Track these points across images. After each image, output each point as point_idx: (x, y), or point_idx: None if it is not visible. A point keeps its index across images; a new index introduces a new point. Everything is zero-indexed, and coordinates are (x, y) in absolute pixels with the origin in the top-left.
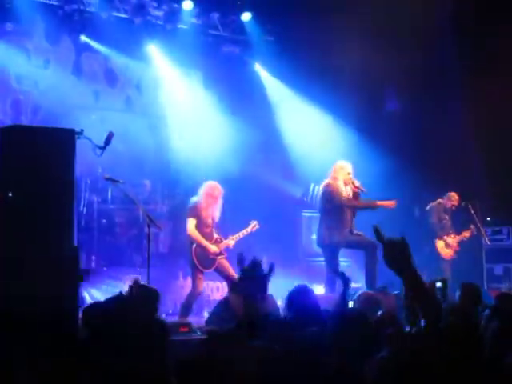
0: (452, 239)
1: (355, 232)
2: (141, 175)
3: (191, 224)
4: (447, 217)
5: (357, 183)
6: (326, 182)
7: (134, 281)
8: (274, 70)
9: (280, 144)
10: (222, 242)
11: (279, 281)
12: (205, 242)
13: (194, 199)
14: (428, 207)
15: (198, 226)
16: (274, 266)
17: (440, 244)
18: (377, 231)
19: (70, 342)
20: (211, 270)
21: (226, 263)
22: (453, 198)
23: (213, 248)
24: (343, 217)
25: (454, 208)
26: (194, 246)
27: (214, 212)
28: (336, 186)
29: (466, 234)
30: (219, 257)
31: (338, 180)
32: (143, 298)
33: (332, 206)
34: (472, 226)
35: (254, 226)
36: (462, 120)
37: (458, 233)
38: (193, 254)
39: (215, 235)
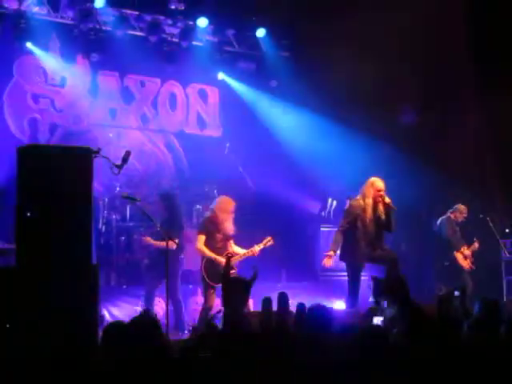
0: (467, 251)
1: (379, 247)
2: (158, 193)
3: (201, 240)
4: (457, 229)
5: (387, 200)
6: (354, 198)
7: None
8: (289, 85)
9: (298, 159)
10: (233, 256)
11: (298, 296)
12: (214, 256)
13: (207, 214)
14: (439, 221)
15: (210, 241)
16: (258, 273)
17: (459, 256)
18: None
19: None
20: None
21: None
22: (463, 210)
23: (224, 261)
24: (366, 232)
25: (464, 220)
26: (204, 261)
27: (227, 227)
28: (359, 204)
29: (477, 244)
30: (230, 271)
31: (367, 197)
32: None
33: (354, 223)
34: (475, 240)
35: (268, 241)
36: (478, 133)
37: (469, 245)
38: (202, 269)
39: (231, 248)
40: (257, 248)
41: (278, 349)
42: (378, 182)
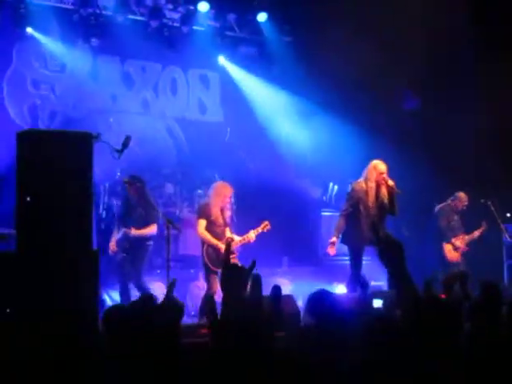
0: (460, 241)
1: (382, 231)
2: (159, 178)
3: (201, 225)
4: (456, 217)
5: (390, 183)
6: (357, 181)
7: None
8: (290, 70)
9: (299, 144)
10: (233, 241)
11: (300, 280)
12: (215, 242)
13: (204, 200)
14: (436, 209)
15: (209, 226)
16: (255, 263)
17: (447, 247)
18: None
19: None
20: None
21: (237, 263)
22: (463, 198)
23: (224, 247)
24: (368, 216)
25: (464, 208)
26: (205, 246)
27: (225, 212)
28: (361, 187)
29: (477, 232)
30: (230, 256)
31: (369, 181)
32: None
33: (357, 206)
34: (484, 223)
35: (265, 225)
36: (479, 118)
37: (468, 233)
38: (204, 255)
39: (227, 235)
40: (252, 234)
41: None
42: (381, 165)
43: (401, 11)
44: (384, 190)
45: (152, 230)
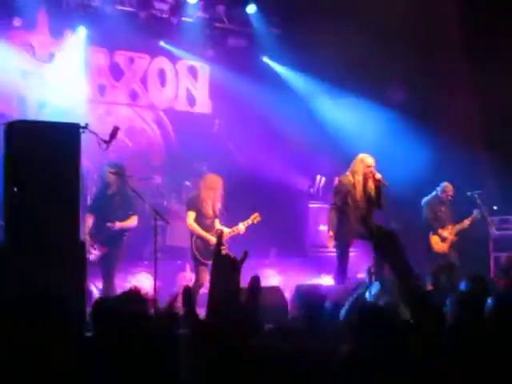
0: (448, 232)
1: (371, 225)
2: (148, 169)
3: (190, 216)
4: (443, 208)
5: (378, 176)
6: (344, 175)
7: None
8: (279, 62)
9: (287, 135)
10: (222, 233)
11: (287, 272)
12: (204, 234)
13: (194, 192)
14: (423, 202)
15: (198, 219)
16: (247, 254)
17: (434, 239)
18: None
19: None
20: None
21: (229, 254)
22: (447, 188)
23: (213, 239)
24: (356, 209)
25: (450, 198)
26: (194, 238)
27: (215, 204)
28: (348, 181)
29: (467, 221)
30: (221, 247)
31: (356, 174)
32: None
33: (345, 200)
34: (475, 212)
35: (255, 217)
36: (468, 109)
37: (456, 223)
38: (193, 246)
39: (217, 227)
40: (242, 226)
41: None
42: (368, 158)
43: (391, 2)
44: (371, 184)
45: (134, 221)
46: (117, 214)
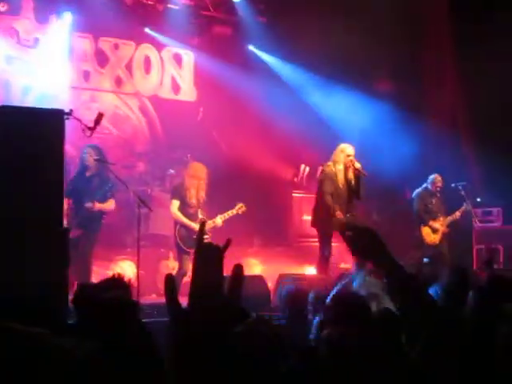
0: (440, 223)
1: (351, 213)
2: (132, 156)
3: (174, 205)
4: (434, 201)
5: (357, 165)
6: (326, 164)
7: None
8: (265, 50)
9: (272, 124)
10: (206, 222)
11: (270, 262)
12: (188, 222)
13: (178, 180)
14: (414, 194)
15: (182, 207)
16: (230, 241)
17: (425, 230)
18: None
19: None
20: None
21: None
22: (436, 180)
23: (197, 227)
24: (338, 199)
25: (439, 190)
26: (178, 226)
27: (199, 193)
28: (330, 170)
29: (458, 212)
30: (204, 236)
31: (337, 163)
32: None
33: (325, 189)
34: (465, 204)
35: (240, 207)
36: (452, 102)
37: (448, 214)
38: (176, 235)
39: (200, 216)
40: (218, 220)
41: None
42: (348, 148)
43: None
44: (351, 174)
45: (112, 205)
46: (95, 196)
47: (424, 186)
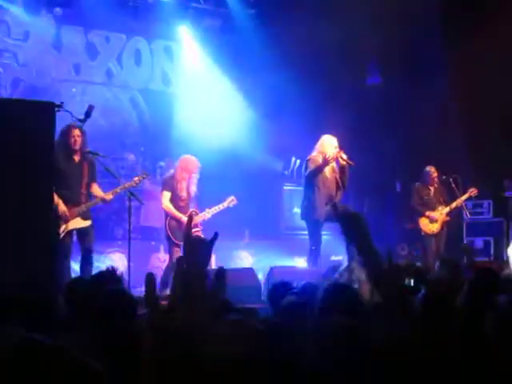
0: (439, 212)
1: (339, 205)
2: (122, 149)
3: (165, 197)
4: (431, 192)
5: (344, 156)
6: (311, 155)
7: None
8: (254, 43)
9: (262, 116)
10: (197, 215)
11: (261, 254)
12: (178, 215)
13: (170, 172)
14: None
15: (173, 199)
16: (217, 235)
17: (423, 221)
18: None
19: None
20: None
21: (200, 236)
22: (431, 171)
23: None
24: (326, 190)
25: (434, 181)
26: (168, 218)
27: (190, 186)
28: (318, 161)
29: (456, 203)
30: (194, 229)
31: (322, 154)
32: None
33: (313, 179)
34: (472, 189)
35: (231, 200)
36: (442, 94)
37: (448, 203)
38: (167, 227)
39: (191, 208)
40: (207, 215)
41: None
42: (333, 139)
43: None
44: (334, 165)
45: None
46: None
47: (421, 178)
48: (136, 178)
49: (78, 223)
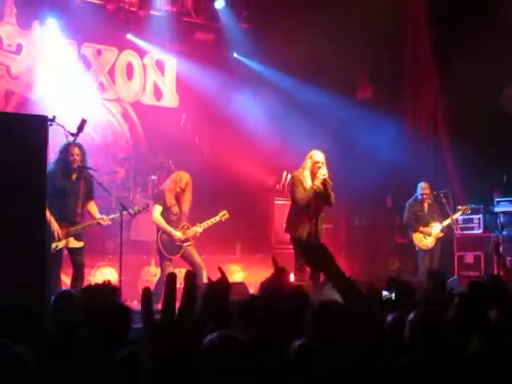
0: (427, 228)
1: (319, 223)
2: (114, 162)
3: (157, 210)
4: (424, 208)
5: (323, 173)
6: (297, 170)
7: None
8: (248, 57)
9: (254, 131)
10: (189, 229)
11: (253, 268)
12: (169, 229)
13: (162, 186)
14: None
15: (165, 213)
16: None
17: (417, 236)
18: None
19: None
20: (178, 257)
21: (192, 250)
22: (422, 187)
23: (177, 235)
24: (308, 206)
25: (428, 197)
26: (160, 232)
27: (182, 202)
28: (298, 177)
29: (450, 219)
30: (185, 244)
31: (304, 169)
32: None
33: (296, 195)
34: (465, 207)
35: (223, 215)
36: (432, 110)
37: (442, 219)
38: (158, 241)
39: (182, 222)
40: (198, 229)
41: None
42: (317, 154)
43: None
44: (316, 181)
45: None
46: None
47: (414, 195)
48: (136, 208)
49: (70, 243)
